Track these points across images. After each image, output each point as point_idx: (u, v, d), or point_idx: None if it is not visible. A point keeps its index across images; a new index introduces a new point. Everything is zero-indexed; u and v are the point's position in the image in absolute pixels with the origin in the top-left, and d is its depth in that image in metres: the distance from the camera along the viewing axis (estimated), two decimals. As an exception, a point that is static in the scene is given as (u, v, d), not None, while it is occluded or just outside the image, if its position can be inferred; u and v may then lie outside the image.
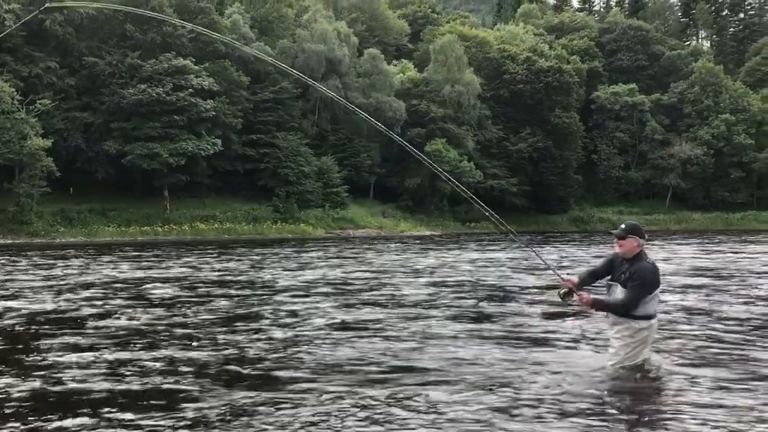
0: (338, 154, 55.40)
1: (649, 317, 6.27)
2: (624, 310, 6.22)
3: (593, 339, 8.25)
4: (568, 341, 8.32)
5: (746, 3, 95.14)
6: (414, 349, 7.82)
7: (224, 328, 9.25)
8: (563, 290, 6.49)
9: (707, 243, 33.75)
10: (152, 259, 23.39)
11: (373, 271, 18.35)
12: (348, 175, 54.48)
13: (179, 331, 9.10)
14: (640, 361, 6.37)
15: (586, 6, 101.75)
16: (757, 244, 32.31)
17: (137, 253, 26.27)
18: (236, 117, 49.04)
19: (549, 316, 10.24)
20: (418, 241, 38.61)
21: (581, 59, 71.69)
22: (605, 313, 6.48)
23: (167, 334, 8.87)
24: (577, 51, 73.59)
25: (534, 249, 7.59)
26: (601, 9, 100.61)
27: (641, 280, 6.14)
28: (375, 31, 69.59)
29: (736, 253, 25.96)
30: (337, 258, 23.99)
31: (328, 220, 50.12)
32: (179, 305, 11.55)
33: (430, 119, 59.24)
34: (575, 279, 6.55)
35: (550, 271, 6.95)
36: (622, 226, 6.42)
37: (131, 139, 44.19)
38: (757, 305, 11.46)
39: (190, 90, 45.06)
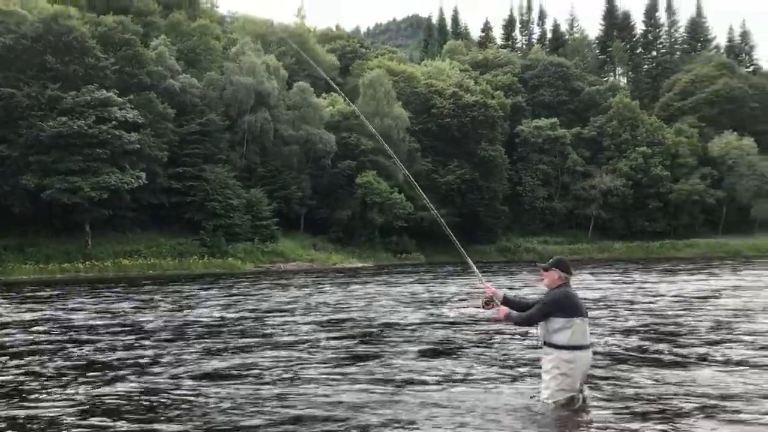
0: (268, 187, 54.89)
1: (574, 348, 6.26)
2: (527, 322, 6.49)
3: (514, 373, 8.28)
4: (488, 380, 8.13)
5: (658, 42, 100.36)
6: (280, 395, 7.41)
7: (65, 380, 8.46)
8: (487, 297, 6.75)
9: (612, 273, 34.68)
10: (47, 299, 21.89)
11: (266, 310, 17.33)
12: (278, 208, 53.97)
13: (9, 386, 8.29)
14: (573, 395, 6.36)
15: (509, 43, 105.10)
16: (664, 273, 33.57)
17: (43, 293, 24.77)
18: (162, 149, 48.00)
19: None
20: (341, 275, 38.43)
21: (505, 94, 73.79)
22: (538, 342, 6.55)
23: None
24: (501, 86, 75.74)
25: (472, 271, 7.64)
26: (524, 46, 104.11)
27: (549, 298, 6.38)
28: (304, 65, 69.79)
29: (629, 283, 25.73)
30: (240, 295, 22.69)
31: (258, 254, 49.36)
32: (26, 354, 10.67)
33: (361, 152, 59.58)
34: (500, 292, 6.85)
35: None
36: (550, 260, 6.69)
37: (51, 173, 42.56)
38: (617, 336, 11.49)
39: (114, 122, 43.91)
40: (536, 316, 6.38)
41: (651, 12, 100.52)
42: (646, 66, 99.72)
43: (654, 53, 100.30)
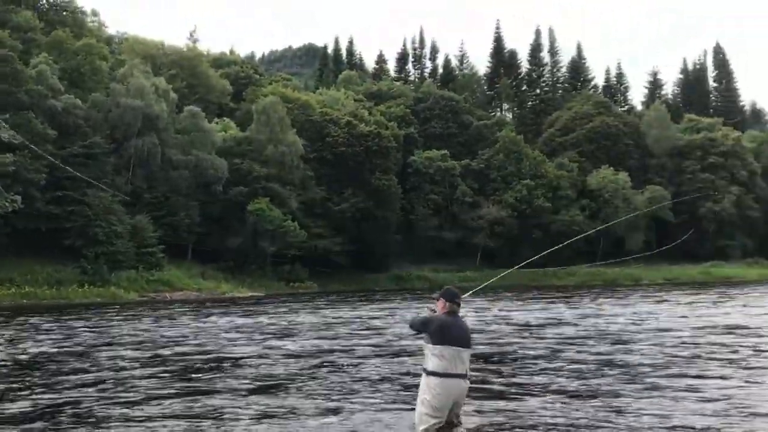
0: (154, 213, 53.05)
1: (441, 375, 6.33)
2: (410, 325, 6.88)
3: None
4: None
5: (542, 80, 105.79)
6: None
7: None
8: None
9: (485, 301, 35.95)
10: None
11: (97, 344, 15.95)
12: (164, 235, 52.21)
13: None
14: (438, 422, 6.37)
15: (402, 76, 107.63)
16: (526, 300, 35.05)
17: None
18: (40, 172, 45.47)
19: None
20: (224, 304, 37.57)
21: (398, 125, 75.28)
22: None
23: None
24: (395, 117, 77.26)
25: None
26: (416, 79, 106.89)
27: (426, 318, 6.72)
28: (196, 89, 68.52)
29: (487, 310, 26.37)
30: (87, 328, 20.81)
31: (142, 282, 47.40)
32: None
33: (254, 178, 58.84)
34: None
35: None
36: (442, 289, 6.97)
37: None
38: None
39: (-13, 142, 41.22)
40: (416, 323, 6.76)
41: (535, 52, 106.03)
42: (530, 102, 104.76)
43: (538, 91, 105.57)
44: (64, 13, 67.18)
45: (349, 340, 15.59)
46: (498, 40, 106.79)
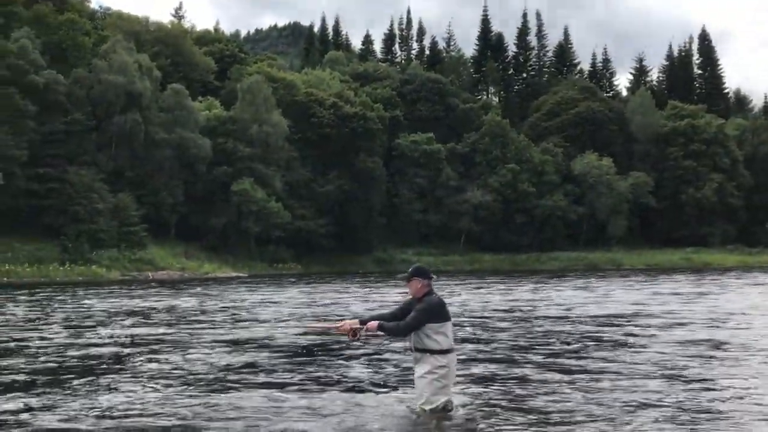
0: (137, 191, 52.61)
1: (445, 351, 6.41)
2: (403, 331, 6.45)
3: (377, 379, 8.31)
4: (351, 384, 8.15)
5: (528, 64, 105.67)
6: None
7: None
8: (348, 336, 6.67)
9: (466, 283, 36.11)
10: None
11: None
12: (147, 214, 51.83)
13: None
14: (447, 399, 6.47)
15: (389, 57, 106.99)
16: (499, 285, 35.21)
17: None
18: (20, 149, 44.84)
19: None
20: (209, 283, 37.47)
21: (384, 107, 74.93)
22: (408, 348, 6.64)
23: None
24: (381, 99, 76.85)
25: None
26: (402, 61, 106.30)
27: (424, 306, 6.41)
28: (180, 66, 67.71)
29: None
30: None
31: (124, 262, 47.15)
32: None
33: (237, 158, 58.47)
34: (353, 321, 6.72)
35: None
36: (409, 269, 6.73)
37: None
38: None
39: (-34, 117, 40.59)
40: (413, 325, 6.41)
41: (523, 36, 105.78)
42: (516, 86, 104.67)
43: (524, 75, 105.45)
44: (46, -14, 65.91)
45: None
46: (485, 23, 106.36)
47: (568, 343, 11.57)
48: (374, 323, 6.53)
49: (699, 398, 7.09)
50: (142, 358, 10.21)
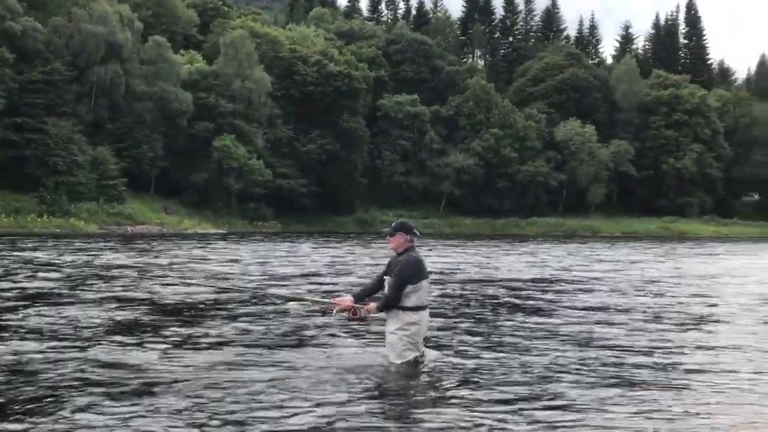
0: (117, 144, 51.97)
1: (417, 308, 6.46)
2: (392, 301, 6.43)
3: (349, 335, 8.37)
4: (327, 338, 8.20)
5: (515, 29, 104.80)
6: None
7: None
8: (347, 314, 6.67)
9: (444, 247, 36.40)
10: None
11: None
12: (127, 167, 51.28)
13: None
14: (417, 354, 6.56)
15: (375, 16, 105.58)
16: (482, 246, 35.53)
17: None
18: (-2, 97, 43.97)
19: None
20: (188, 240, 37.34)
21: (369, 67, 74.20)
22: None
23: None
24: (366, 59, 76.05)
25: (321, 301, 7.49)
26: (389, 20, 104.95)
27: (401, 269, 6.44)
28: (162, 19, 66.31)
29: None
30: None
31: (103, 215, 46.74)
32: None
33: (219, 114, 57.83)
34: (349, 298, 6.73)
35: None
36: (393, 224, 6.79)
37: None
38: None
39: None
40: (395, 292, 6.43)
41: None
42: (502, 51, 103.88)
43: (511, 39, 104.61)
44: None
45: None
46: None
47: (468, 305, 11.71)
48: (373, 305, 6.57)
49: (606, 361, 7.21)
50: (22, 313, 9.68)
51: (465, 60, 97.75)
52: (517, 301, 12.29)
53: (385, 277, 6.69)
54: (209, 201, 56.77)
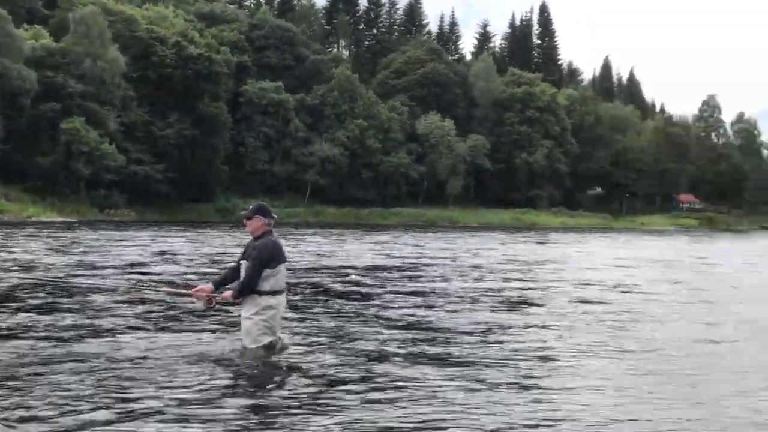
0: (-52, 124, 47.11)
1: (274, 293, 6.43)
2: (248, 287, 6.36)
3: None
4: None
5: (379, 21, 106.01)
6: None
7: None
8: (203, 303, 6.54)
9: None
10: None
11: None
12: (-40, 150, 46.64)
13: None
14: (273, 339, 6.54)
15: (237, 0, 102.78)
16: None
17: None
18: None
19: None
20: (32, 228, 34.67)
21: (231, 52, 72.13)
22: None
23: None
24: (228, 42, 73.85)
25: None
26: (252, 5, 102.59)
27: (257, 253, 6.38)
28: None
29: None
30: None
31: (-68, 201, 42.24)
32: None
33: (68, 94, 53.93)
34: (209, 286, 6.62)
35: None
36: (250, 207, 6.73)
37: None
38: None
39: None
40: (252, 277, 6.32)
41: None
42: (367, 42, 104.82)
43: (375, 31, 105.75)
44: None
45: None
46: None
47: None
48: (228, 293, 6.45)
49: (427, 341, 7.63)
50: None
51: (330, 50, 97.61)
52: (347, 289, 12.44)
53: (241, 262, 6.55)
54: (56, 187, 52.87)
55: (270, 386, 5.64)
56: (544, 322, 9.13)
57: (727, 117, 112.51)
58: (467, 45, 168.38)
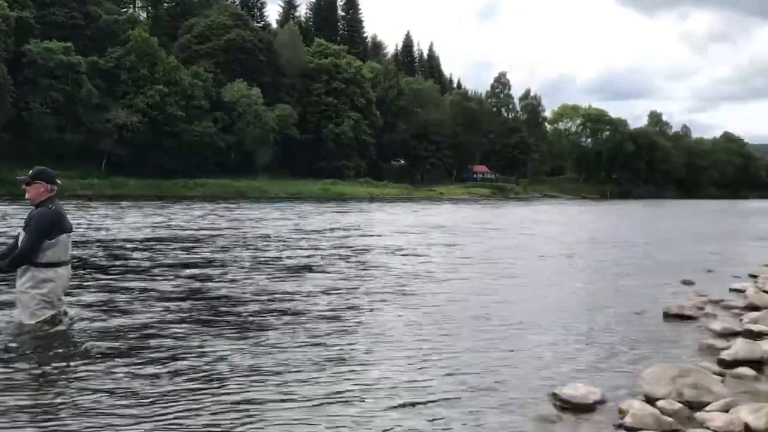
0: None
1: (53, 265, 6.14)
2: (23, 258, 6.05)
3: None
4: None
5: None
6: None
7: None
8: None
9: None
10: None
11: None
12: None
13: None
14: (54, 312, 6.26)
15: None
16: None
17: None
18: None
19: None
20: None
21: (9, 6, 65.29)
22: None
23: None
24: (7, -3, 66.71)
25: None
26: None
27: (35, 224, 6.07)
28: None
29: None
30: None
31: None
32: None
33: None
34: None
35: None
36: (30, 171, 6.33)
37: None
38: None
39: None
40: (30, 248, 6.01)
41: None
42: (166, 4, 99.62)
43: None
44: None
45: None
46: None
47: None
48: (3, 261, 6.07)
49: (213, 309, 7.94)
50: None
51: (125, 10, 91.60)
52: (118, 263, 12.16)
53: (20, 232, 6.22)
54: None
55: (49, 364, 5.40)
56: (326, 286, 9.62)
57: (516, 93, 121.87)
58: (272, 13, 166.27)
